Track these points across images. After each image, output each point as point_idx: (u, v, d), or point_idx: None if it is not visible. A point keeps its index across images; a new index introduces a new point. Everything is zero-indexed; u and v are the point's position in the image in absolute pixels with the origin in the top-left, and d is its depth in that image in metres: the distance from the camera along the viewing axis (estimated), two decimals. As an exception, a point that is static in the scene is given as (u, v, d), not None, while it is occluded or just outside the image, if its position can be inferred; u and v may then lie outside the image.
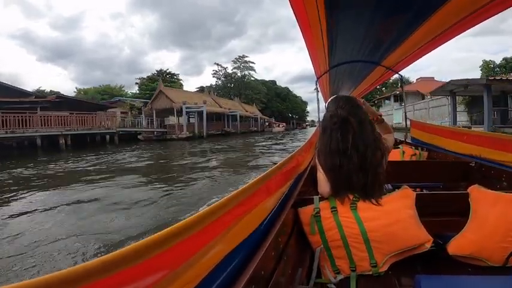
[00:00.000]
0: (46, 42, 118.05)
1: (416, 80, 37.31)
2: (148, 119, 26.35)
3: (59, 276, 0.31)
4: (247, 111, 42.80)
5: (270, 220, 0.91)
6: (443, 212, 1.20)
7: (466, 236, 1.05)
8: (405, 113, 4.33)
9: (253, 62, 63.13)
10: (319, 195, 1.15)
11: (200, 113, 27.76)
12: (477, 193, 1.12)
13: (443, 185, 1.99)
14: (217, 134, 29.83)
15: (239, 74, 61.02)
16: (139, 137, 23.96)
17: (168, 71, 49.42)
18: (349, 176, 1.07)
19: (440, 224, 1.15)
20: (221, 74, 61.05)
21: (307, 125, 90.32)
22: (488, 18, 1.57)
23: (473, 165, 1.96)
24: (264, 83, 67.82)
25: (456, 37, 1.94)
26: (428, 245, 1.02)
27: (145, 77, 45.29)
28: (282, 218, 0.98)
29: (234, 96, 52.93)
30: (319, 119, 4.03)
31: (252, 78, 62.31)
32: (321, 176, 1.15)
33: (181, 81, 49.81)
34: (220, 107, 34.16)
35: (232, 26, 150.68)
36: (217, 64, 63.78)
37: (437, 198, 1.27)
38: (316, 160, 1.21)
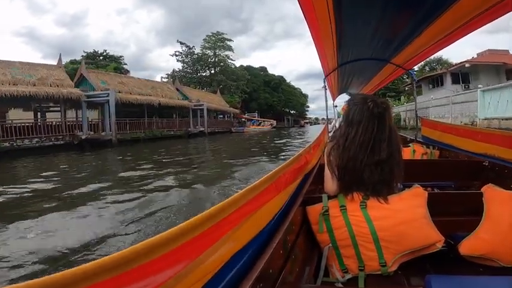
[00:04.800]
0: (51, 40, 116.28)
1: (479, 54, 21.84)
2: None
3: (62, 276, 0.32)
4: (187, 100, 25.00)
5: (278, 218, 0.92)
6: (455, 212, 1.18)
7: (478, 236, 1.03)
8: (416, 110, 4.33)
9: (230, 40, 45.72)
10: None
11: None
12: (491, 192, 1.10)
13: (455, 184, 1.96)
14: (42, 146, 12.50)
15: (210, 54, 43.99)
16: None
17: (106, 54, 35.86)
18: (362, 172, 1.06)
19: (452, 224, 1.14)
20: (185, 55, 43.48)
21: (306, 122, 78.36)
22: (500, 16, 1.54)
23: (486, 164, 1.92)
24: (247, 68, 52.57)
25: (470, 34, 1.91)
26: (439, 245, 1.00)
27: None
28: (290, 217, 0.98)
29: (208, 85, 40.80)
30: (327, 116, 4.05)
31: (229, 61, 45.92)
32: (328, 173, 1.15)
33: (124, 67, 35.45)
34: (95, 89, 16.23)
35: (238, 23, 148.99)
36: (181, 43, 43.30)
37: (449, 198, 1.25)
38: (325, 156, 1.19)
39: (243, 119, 41.01)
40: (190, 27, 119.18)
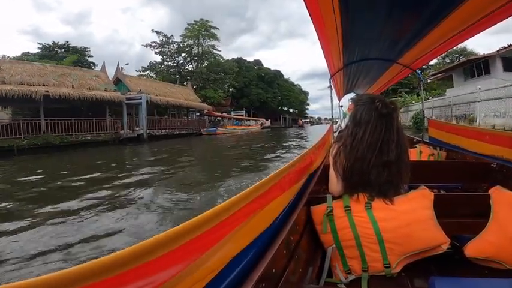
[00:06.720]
0: (56, 38, 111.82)
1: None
2: None
3: (64, 275, 0.32)
4: (128, 93, 18.36)
5: (282, 218, 0.92)
6: (462, 214, 1.17)
7: (485, 238, 1.03)
8: (423, 110, 4.26)
9: (216, 28, 37.83)
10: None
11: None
12: (499, 195, 1.09)
13: (462, 186, 1.95)
14: None
15: (191, 43, 37.42)
16: None
17: (67, 45, 30.72)
18: (368, 173, 1.05)
19: (458, 226, 1.14)
20: (161, 45, 36.88)
21: (306, 122, 72.07)
22: (509, 16, 1.53)
23: (494, 166, 1.90)
24: (238, 60, 47.24)
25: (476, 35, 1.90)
26: (444, 247, 0.99)
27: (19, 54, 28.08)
28: (294, 217, 0.98)
29: (192, 79, 34.35)
30: (332, 116, 4.04)
31: (215, 52, 38.85)
32: (333, 174, 1.14)
33: (89, 60, 30.88)
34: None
35: (243, 22, 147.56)
36: (158, 32, 36.30)
37: (456, 199, 1.24)
38: (331, 157, 1.19)
39: (218, 118, 32.95)
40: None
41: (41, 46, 30.17)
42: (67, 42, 31.54)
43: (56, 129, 14.27)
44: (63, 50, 30.76)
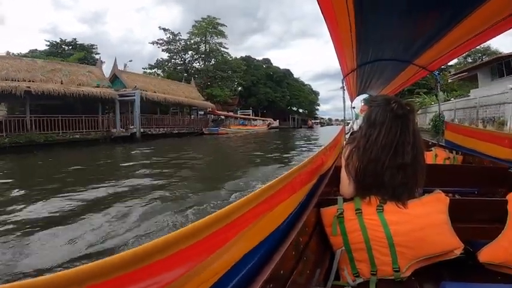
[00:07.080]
0: (73, 37, 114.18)
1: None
2: None
3: (73, 272, 0.32)
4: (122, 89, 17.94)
5: (291, 219, 0.92)
6: (477, 219, 1.16)
7: (500, 244, 1.00)
8: (440, 113, 4.24)
9: (223, 25, 37.00)
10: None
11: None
12: None
13: (479, 190, 1.90)
14: None
15: (198, 40, 36.79)
16: None
17: (74, 43, 30.94)
18: (382, 174, 1.04)
19: (472, 231, 1.12)
20: (168, 42, 36.40)
21: (316, 122, 69.37)
22: None
23: None
24: (245, 58, 46.05)
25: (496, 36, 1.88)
26: (457, 252, 0.97)
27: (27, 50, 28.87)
28: (303, 218, 0.99)
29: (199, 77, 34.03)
30: (344, 117, 3.99)
31: (222, 49, 37.80)
32: (345, 176, 1.14)
33: (94, 56, 30.19)
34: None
35: (254, 22, 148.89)
36: (165, 29, 36.15)
37: (472, 204, 1.22)
38: (343, 158, 1.17)
39: (222, 117, 31.10)
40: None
41: (48, 43, 30.57)
42: (74, 39, 31.64)
43: (42, 127, 13.48)
44: (70, 47, 31.02)
